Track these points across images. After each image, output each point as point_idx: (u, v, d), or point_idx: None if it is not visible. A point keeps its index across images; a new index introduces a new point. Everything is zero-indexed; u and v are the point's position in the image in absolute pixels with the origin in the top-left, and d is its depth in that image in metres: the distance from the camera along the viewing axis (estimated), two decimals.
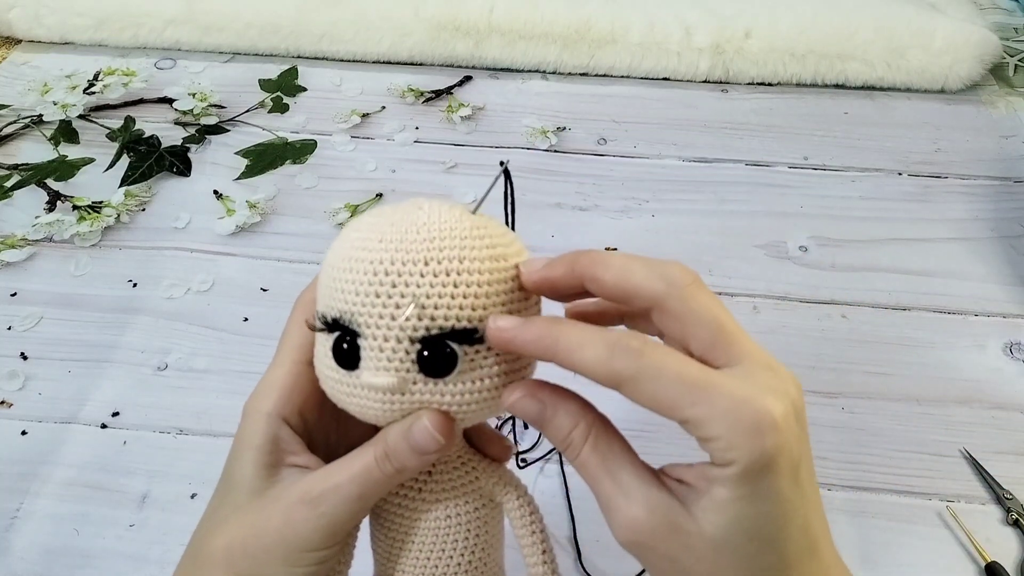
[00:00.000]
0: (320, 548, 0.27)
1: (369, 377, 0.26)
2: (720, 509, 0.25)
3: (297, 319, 0.30)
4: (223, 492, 0.29)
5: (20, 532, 0.48)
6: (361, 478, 0.27)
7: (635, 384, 0.25)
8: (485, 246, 0.27)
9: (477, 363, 0.27)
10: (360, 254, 0.26)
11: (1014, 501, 0.49)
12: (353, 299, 0.26)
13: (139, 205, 0.68)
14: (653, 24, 0.80)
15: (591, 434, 0.27)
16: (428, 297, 0.25)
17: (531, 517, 0.30)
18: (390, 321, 0.25)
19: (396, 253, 0.26)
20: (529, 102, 0.79)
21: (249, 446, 0.28)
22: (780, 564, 0.25)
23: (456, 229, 0.26)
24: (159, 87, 0.79)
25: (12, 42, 0.85)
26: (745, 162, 0.73)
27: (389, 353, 0.26)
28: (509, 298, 0.27)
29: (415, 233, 0.26)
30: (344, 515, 0.27)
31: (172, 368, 0.56)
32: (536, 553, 0.30)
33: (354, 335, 0.26)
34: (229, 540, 0.27)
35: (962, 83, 0.80)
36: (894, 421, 0.54)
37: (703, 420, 0.24)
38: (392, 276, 0.25)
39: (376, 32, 0.81)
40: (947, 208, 0.69)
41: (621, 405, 0.54)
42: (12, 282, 0.62)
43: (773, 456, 0.24)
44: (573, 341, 0.25)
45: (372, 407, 0.27)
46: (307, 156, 0.73)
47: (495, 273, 0.27)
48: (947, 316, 0.60)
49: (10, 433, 0.52)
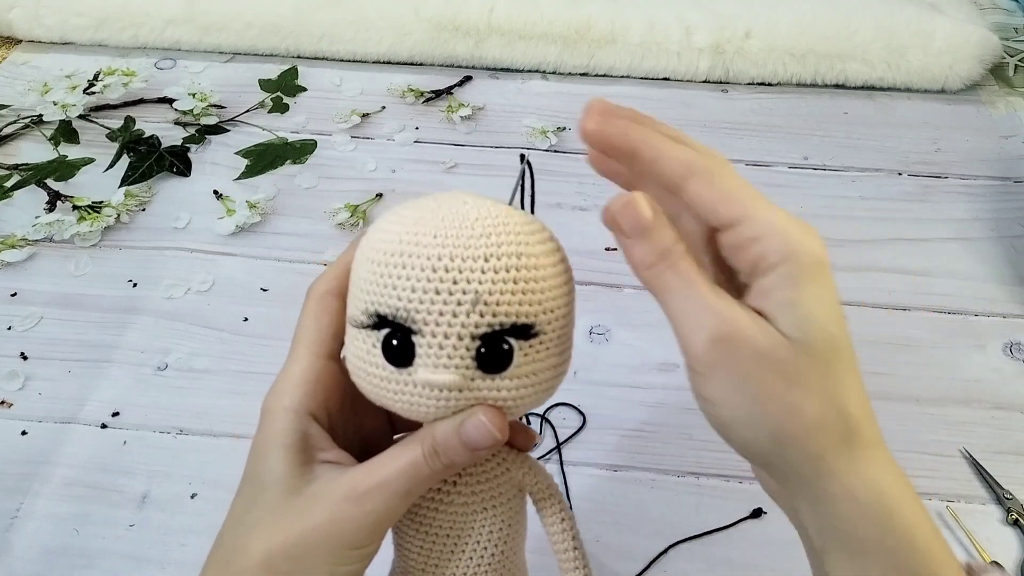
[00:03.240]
0: (366, 545, 0.27)
1: (427, 375, 0.26)
2: (790, 309, 0.25)
3: (311, 312, 0.29)
4: (252, 494, 0.28)
5: (20, 532, 0.48)
6: (409, 474, 0.27)
7: (711, 175, 0.26)
8: (538, 241, 0.27)
9: (531, 358, 0.27)
10: (413, 249, 0.26)
11: (1014, 501, 0.49)
12: (410, 295, 0.25)
13: (139, 205, 0.68)
14: (653, 24, 0.80)
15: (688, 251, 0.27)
16: (490, 294, 0.25)
17: (559, 504, 0.31)
18: (451, 318, 0.25)
19: (455, 249, 0.25)
20: (529, 102, 0.79)
21: (278, 444, 0.28)
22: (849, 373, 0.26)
23: (510, 224, 0.27)
24: (159, 87, 0.79)
25: (12, 42, 0.85)
26: (745, 162, 0.73)
27: (450, 350, 0.25)
28: (560, 291, 0.27)
29: (470, 228, 0.26)
30: (390, 511, 0.27)
31: (172, 368, 0.56)
32: (567, 539, 0.31)
33: (407, 332, 0.26)
34: (268, 543, 0.27)
35: (962, 83, 0.80)
36: (894, 421, 0.54)
37: (758, 217, 0.25)
38: (453, 273, 0.25)
39: (376, 32, 0.81)
40: (947, 208, 0.69)
41: (621, 405, 0.54)
42: (12, 282, 0.62)
43: (823, 259, 0.25)
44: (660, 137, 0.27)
45: (423, 404, 0.26)
46: (307, 156, 0.73)
47: (550, 268, 0.27)
48: (947, 316, 0.60)
49: (10, 433, 0.52)
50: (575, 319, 0.29)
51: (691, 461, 0.51)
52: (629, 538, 0.48)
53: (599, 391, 0.55)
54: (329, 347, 0.29)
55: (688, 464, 0.51)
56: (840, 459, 0.26)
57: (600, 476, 0.51)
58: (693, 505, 0.49)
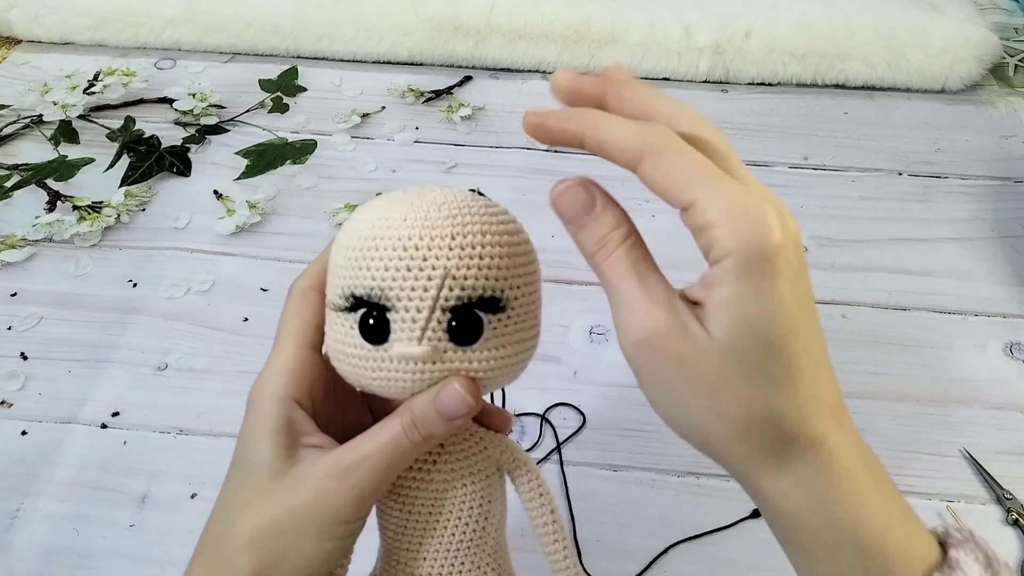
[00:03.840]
0: (351, 520, 0.28)
1: (402, 348, 0.27)
2: (724, 308, 0.24)
3: (294, 307, 0.30)
4: (240, 478, 0.29)
5: (20, 532, 0.48)
6: (390, 448, 0.28)
7: (658, 157, 0.25)
8: (502, 222, 0.29)
9: (499, 331, 0.28)
10: (384, 232, 0.27)
11: (1014, 501, 0.49)
12: (383, 274, 0.27)
13: (139, 205, 0.68)
14: (653, 24, 0.80)
15: (629, 238, 0.27)
16: (457, 269, 0.27)
17: (537, 480, 0.32)
18: (423, 293, 0.27)
19: (424, 229, 0.27)
20: (529, 102, 0.79)
21: (264, 429, 0.28)
22: (785, 376, 0.25)
23: (475, 207, 0.28)
24: (159, 87, 0.79)
25: (12, 42, 0.85)
26: (745, 162, 0.72)
27: (422, 324, 0.27)
28: (526, 270, 0.29)
29: (437, 211, 0.27)
30: (373, 485, 0.28)
31: (172, 368, 0.56)
32: (545, 514, 0.32)
33: (383, 310, 0.27)
34: (256, 521, 0.27)
35: (962, 83, 0.80)
36: (894, 421, 0.54)
37: (708, 204, 0.24)
38: (422, 251, 0.27)
39: (376, 32, 0.81)
40: (947, 208, 0.69)
41: (621, 405, 0.54)
42: (12, 282, 0.62)
43: (772, 253, 0.24)
44: (603, 120, 0.26)
45: (400, 379, 0.28)
46: (307, 156, 0.73)
47: (513, 247, 0.29)
48: (947, 316, 0.60)
49: (10, 433, 0.52)
50: (542, 301, 0.31)
51: (691, 461, 0.51)
52: (629, 538, 0.48)
53: (599, 391, 0.55)
54: (312, 338, 0.30)
55: (688, 464, 0.51)
56: (768, 466, 0.26)
57: (600, 476, 0.51)
58: (693, 505, 0.49)
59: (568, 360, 0.57)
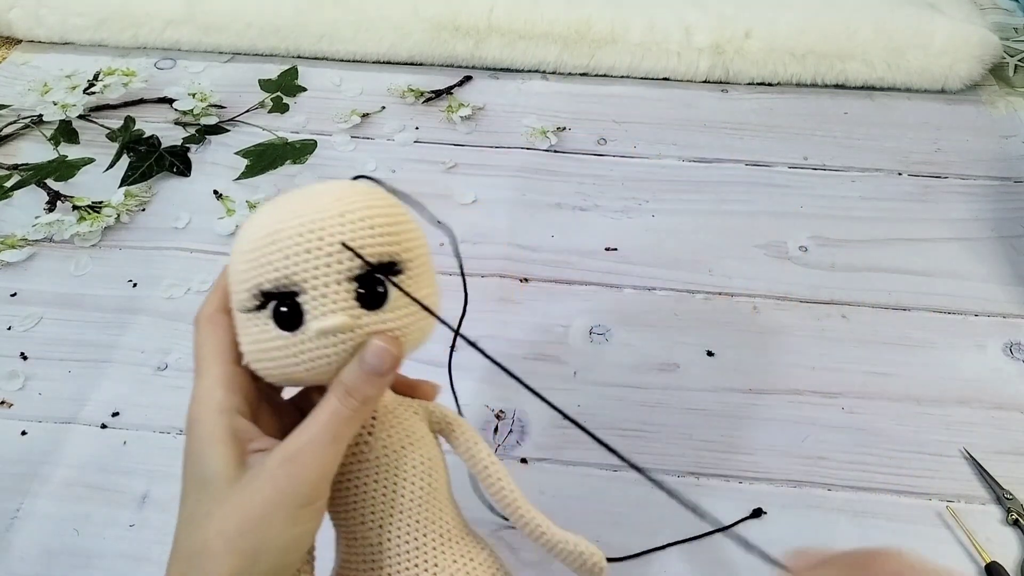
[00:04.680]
0: (313, 500, 0.29)
1: (319, 323, 0.28)
2: None
3: (206, 332, 0.32)
4: (196, 494, 0.29)
5: (20, 532, 0.48)
6: (332, 423, 0.29)
7: None
8: (382, 196, 0.31)
9: (400, 294, 0.30)
10: (278, 227, 0.29)
11: (1014, 501, 0.49)
12: (285, 263, 0.28)
13: (139, 205, 0.68)
14: (653, 24, 0.80)
15: None
16: (353, 240, 0.29)
17: (469, 433, 0.35)
18: (326, 268, 0.28)
19: (314, 214, 0.29)
20: (529, 102, 0.79)
21: (212, 442, 0.29)
22: None
23: (355, 188, 0.30)
24: (159, 87, 0.79)
25: (12, 42, 0.85)
26: (745, 162, 0.73)
27: (333, 296, 0.29)
28: (414, 235, 0.31)
29: (322, 197, 0.29)
30: (326, 461, 0.29)
31: (172, 368, 0.56)
32: (481, 455, 0.35)
33: (292, 296, 0.29)
34: (222, 526, 0.28)
35: (962, 83, 0.80)
36: (894, 421, 0.54)
37: None
38: (317, 231, 0.28)
39: (376, 32, 0.81)
40: (947, 208, 0.69)
41: (621, 405, 0.54)
42: (12, 282, 0.62)
43: None
44: None
45: (324, 356, 0.29)
46: (307, 156, 0.73)
47: (399, 216, 0.31)
48: (947, 316, 0.60)
49: (10, 433, 0.52)
50: (433, 260, 0.33)
51: (691, 461, 0.51)
52: (629, 538, 0.48)
53: (599, 391, 0.55)
54: (233, 355, 0.31)
55: (688, 464, 0.51)
56: None
57: (600, 476, 0.51)
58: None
59: (568, 360, 0.57)
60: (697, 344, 0.58)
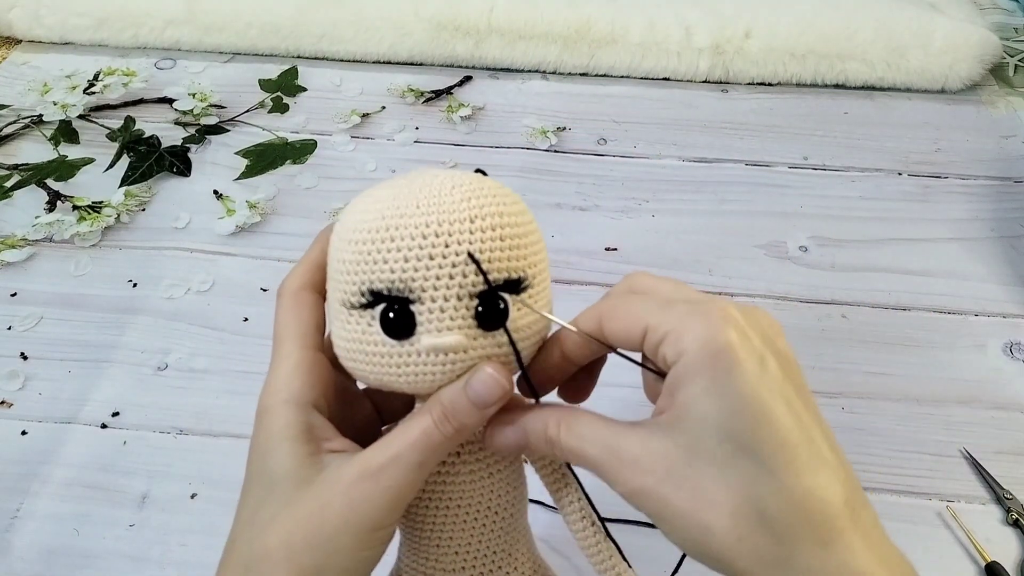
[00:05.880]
0: (386, 525, 0.27)
1: (432, 339, 0.26)
2: (684, 411, 0.24)
3: (289, 309, 0.29)
4: (261, 493, 0.27)
5: (20, 532, 0.48)
6: (421, 444, 0.26)
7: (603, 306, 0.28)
8: (513, 202, 0.28)
9: (523, 311, 0.27)
10: (398, 221, 0.26)
11: (1014, 501, 0.49)
12: (403, 265, 0.26)
13: (139, 205, 0.68)
14: (653, 24, 0.80)
15: (562, 422, 0.28)
16: (480, 252, 0.26)
17: (555, 464, 0.32)
18: (448, 281, 0.26)
19: (441, 215, 0.26)
20: (529, 102, 0.79)
21: (283, 438, 0.27)
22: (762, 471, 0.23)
23: (485, 188, 0.27)
24: (159, 87, 0.79)
25: (12, 42, 0.85)
26: (745, 162, 0.73)
27: (451, 312, 0.26)
28: (539, 247, 0.28)
29: (450, 195, 0.26)
30: (407, 485, 0.26)
31: (172, 368, 0.56)
32: (570, 493, 0.32)
33: (406, 302, 0.26)
34: (287, 536, 0.26)
35: (962, 83, 0.80)
36: (894, 421, 0.54)
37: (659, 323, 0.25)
38: (443, 237, 0.26)
39: (376, 32, 0.81)
40: (947, 208, 0.69)
41: (621, 405, 0.54)
42: (12, 282, 0.62)
43: (725, 345, 0.23)
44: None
45: (428, 372, 0.27)
46: (307, 156, 0.73)
47: (529, 225, 0.28)
48: (947, 316, 0.60)
49: (10, 433, 0.52)
50: None
51: None
52: (629, 538, 0.48)
53: (599, 391, 0.55)
54: (315, 340, 0.29)
55: None
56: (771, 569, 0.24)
57: None
58: None
59: None
60: None
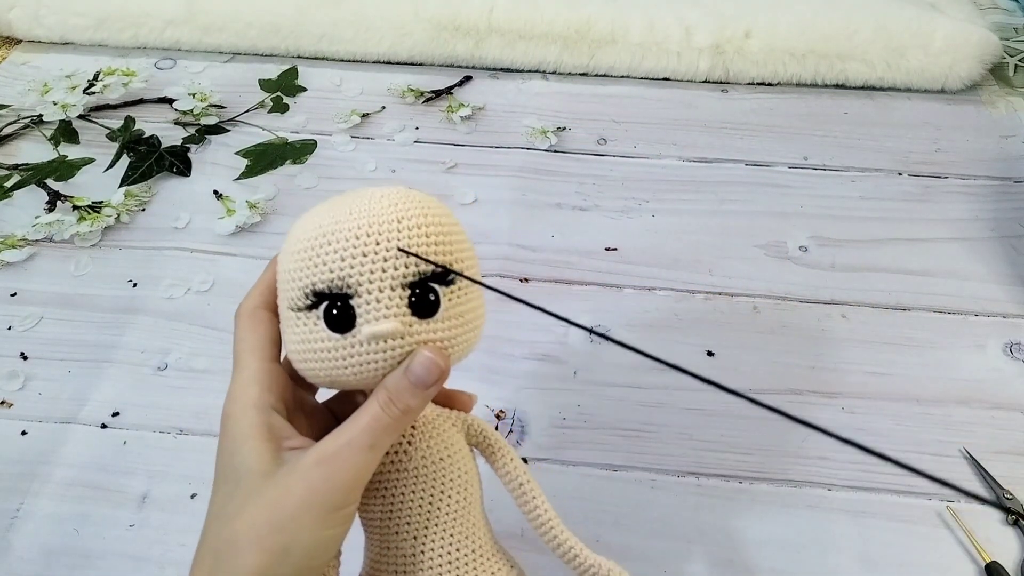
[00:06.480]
0: (344, 505, 0.29)
1: (372, 327, 0.28)
2: None
3: (246, 327, 0.32)
4: (228, 489, 0.29)
5: (20, 532, 0.48)
6: (370, 428, 0.29)
7: None
8: (437, 205, 0.31)
9: (454, 301, 0.30)
10: (334, 228, 0.29)
11: (1014, 501, 0.49)
12: (340, 264, 0.29)
13: (139, 205, 0.68)
14: (653, 24, 0.80)
15: None
16: (408, 247, 0.29)
17: (505, 448, 0.35)
18: (381, 273, 0.29)
19: (371, 217, 0.29)
20: (529, 102, 0.79)
21: (247, 437, 0.29)
22: None
23: (411, 195, 0.31)
24: (159, 87, 0.79)
25: (12, 42, 0.85)
26: (745, 162, 0.73)
27: (387, 301, 0.29)
28: (465, 245, 0.31)
29: (379, 201, 0.30)
30: (361, 466, 0.29)
31: (172, 368, 0.56)
32: (519, 475, 0.34)
33: (345, 298, 0.29)
34: (252, 521, 0.28)
35: (962, 83, 0.80)
36: (894, 421, 0.54)
37: None
38: (374, 236, 0.29)
39: (376, 32, 0.81)
40: (947, 208, 0.69)
41: (621, 405, 0.54)
42: (12, 282, 0.62)
43: None
44: None
45: (372, 361, 0.29)
46: (307, 156, 0.73)
47: (454, 226, 0.31)
48: (947, 316, 0.60)
49: (10, 433, 0.53)
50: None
51: (691, 461, 0.51)
52: (629, 538, 0.48)
53: (599, 391, 0.55)
54: (271, 352, 0.31)
55: (688, 464, 0.51)
56: None
57: (600, 476, 0.51)
58: (693, 505, 0.49)
59: (568, 360, 0.57)
60: (697, 344, 0.58)
